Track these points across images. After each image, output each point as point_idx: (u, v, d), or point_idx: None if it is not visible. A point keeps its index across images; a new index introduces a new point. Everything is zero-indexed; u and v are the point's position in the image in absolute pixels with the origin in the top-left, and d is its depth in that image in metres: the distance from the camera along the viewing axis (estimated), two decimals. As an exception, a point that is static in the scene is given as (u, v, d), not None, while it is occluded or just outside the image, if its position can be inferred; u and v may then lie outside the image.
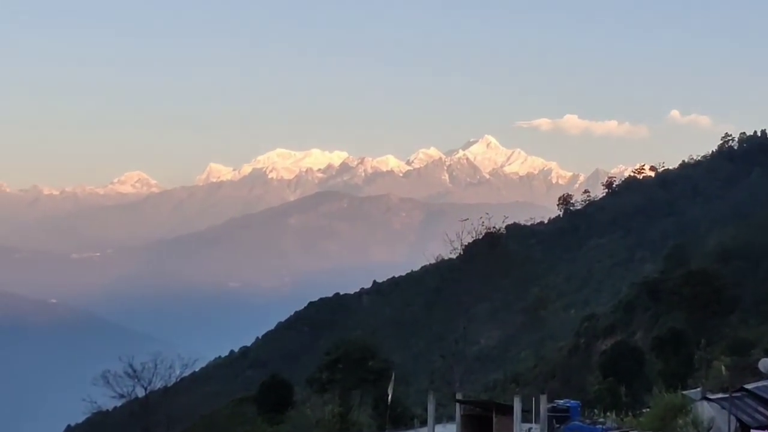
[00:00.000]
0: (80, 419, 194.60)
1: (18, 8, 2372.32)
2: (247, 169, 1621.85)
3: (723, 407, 47.24)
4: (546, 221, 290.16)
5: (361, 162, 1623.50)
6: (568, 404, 61.22)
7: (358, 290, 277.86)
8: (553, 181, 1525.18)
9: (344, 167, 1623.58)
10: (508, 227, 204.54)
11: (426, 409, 59.15)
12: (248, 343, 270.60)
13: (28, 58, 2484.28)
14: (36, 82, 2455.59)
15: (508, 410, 52.77)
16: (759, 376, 54.30)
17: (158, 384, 64.05)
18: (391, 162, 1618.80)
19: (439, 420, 64.42)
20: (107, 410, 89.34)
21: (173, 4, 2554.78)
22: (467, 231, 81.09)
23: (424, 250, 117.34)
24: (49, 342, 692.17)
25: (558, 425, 56.74)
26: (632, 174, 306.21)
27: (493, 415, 54.23)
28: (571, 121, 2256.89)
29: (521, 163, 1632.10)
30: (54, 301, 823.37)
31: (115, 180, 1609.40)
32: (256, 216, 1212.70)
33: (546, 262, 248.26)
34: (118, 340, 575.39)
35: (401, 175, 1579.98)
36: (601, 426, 57.02)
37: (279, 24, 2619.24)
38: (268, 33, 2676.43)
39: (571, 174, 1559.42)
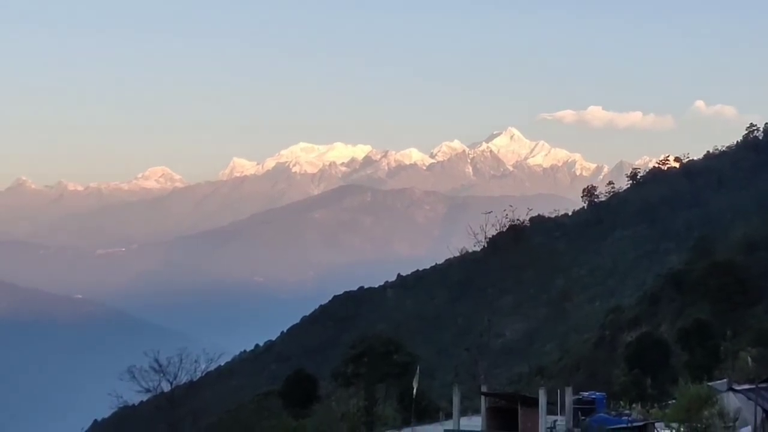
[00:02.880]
0: (107, 414, 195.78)
1: (44, 8, 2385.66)
2: (270, 163, 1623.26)
3: (749, 398, 47.21)
4: (570, 213, 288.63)
5: (385, 155, 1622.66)
6: (593, 396, 61.33)
7: (382, 284, 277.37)
8: (577, 173, 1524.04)
9: (367, 161, 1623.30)
10: (532, 219, 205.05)
11: (451, 402, 59.20)
12: (273, 338, 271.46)
13: (53, 57, 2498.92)
14: (60, 80, 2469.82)
15: (533, 403, 52.86)
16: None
17: (184, 378, 64.23)
18: (415, 155, 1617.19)
19: (464, 413, 64.50)
20: (133, 405, 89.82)
21: (196, 2, 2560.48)
22: (491, 224, 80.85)
23: (448, 243, 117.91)
24: (75, 337, 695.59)
25: (583, 417, 56.79)
26: (657, 165, 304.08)
27: (519, 408, 54.31)
28: (595, 112, 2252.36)
29: (545, 155, 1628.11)
30: (79, 296, 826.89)
31: (139, 175, 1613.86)
32: (280, 210, 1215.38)
33: (570, 255, 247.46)
34: (143, 335, 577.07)
35: (424, 168, 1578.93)
36: (626, 418, 57.04)
37: (302, 20, 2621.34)
38: (292, 28, 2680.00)
39: (595, 166, 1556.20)
